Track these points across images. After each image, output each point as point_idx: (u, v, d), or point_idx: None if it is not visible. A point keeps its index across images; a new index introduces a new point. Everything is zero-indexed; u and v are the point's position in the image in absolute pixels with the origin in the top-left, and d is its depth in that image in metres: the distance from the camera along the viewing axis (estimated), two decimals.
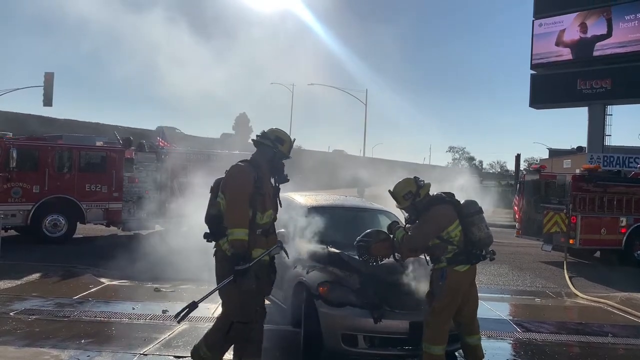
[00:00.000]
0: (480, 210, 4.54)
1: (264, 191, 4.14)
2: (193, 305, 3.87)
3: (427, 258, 4.69)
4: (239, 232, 3.92)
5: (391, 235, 4.75)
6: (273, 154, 4.28)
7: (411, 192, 4.57)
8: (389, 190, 4.74)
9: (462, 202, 4.55)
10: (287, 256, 4.54)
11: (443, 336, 4.40)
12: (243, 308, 4.00)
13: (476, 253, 4.48)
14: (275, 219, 4.32)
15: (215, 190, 4.26)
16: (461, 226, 4.43)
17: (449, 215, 4.44)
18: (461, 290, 4.42)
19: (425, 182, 4.68)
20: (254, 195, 4.04)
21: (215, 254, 4.19)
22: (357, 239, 4.91)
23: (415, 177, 4.68)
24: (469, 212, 4.47)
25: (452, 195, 4.65)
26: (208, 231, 4.25)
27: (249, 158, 4.36)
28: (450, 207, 4.50)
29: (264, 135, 4.36)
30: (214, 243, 4.22)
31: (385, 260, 4.86)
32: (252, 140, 4.47)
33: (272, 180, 4.29)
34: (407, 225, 4.67)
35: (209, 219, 4.25)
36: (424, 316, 4.45)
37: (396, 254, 4.69)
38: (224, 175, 4.24)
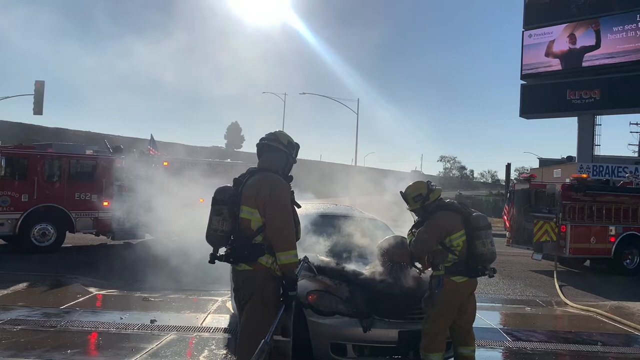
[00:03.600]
0: (488, 226, 4.51)
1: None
2: (265, 345, 3.44)
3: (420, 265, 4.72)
4: (293, 254, 3.60)
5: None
6: (287, 160, 3.89)
7: (421, 195, 4.60)
8: (401, 192, 4.77)
9: (473, 214, 4.53)
10: (315, 272, 4.64)
11: (439, 344, 4.40)
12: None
13: (476, 267, 4.44)
14: None
15: (228, 202, 3.69)
16: (466, 237, 4.41)
17: (452, 222, 4.44)
18: (457, 301, 4.41)
19: (437, 187, 4.71)
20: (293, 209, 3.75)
21: (248, 275, 3.64)
22: (378, 244, 4.98)
23: (428, 181, 4.73)
24: (477, 226, 4.44)
25: (466, 205, 4.67)
26: (213, 251, 3.74)
27: (255, 166, 3.88)
28: (456, 215, 4.49)
29: (275, 139, 3.90)
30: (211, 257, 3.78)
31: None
32: (263, 144, 3.91)
33: None
34: (414, 230, 4.66)
35: (217, 237, 3.71)
36: (422, 324, 4.46)
37: (416, 263, 4.70)
38: (230, 185, 3.80)
